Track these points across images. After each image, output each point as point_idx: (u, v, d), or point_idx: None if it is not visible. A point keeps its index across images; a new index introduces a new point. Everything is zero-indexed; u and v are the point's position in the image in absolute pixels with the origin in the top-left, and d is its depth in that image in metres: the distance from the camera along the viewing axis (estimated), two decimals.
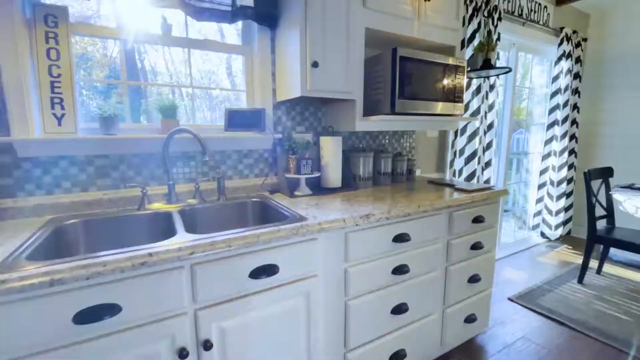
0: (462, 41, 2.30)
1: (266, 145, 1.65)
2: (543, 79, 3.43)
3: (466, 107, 2.39)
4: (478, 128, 2.43)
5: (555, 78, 3.16)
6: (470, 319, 1.70)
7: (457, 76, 1.73)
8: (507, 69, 1.94)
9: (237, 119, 1.57)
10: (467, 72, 1.88)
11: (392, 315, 1.36)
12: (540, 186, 3.42)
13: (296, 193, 1.58)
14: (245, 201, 1.45)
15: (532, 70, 3.44)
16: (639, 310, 2.13)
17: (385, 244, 1.30)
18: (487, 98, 2.47)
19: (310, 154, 1.74)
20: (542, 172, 3.38)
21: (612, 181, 2.70)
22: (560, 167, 3.30)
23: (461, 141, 2.40)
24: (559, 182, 3.32)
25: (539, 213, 3.49)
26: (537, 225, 3.52)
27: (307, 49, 1.35)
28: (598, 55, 3.37)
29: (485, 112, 2.49)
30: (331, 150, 1.65)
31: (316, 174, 1.61)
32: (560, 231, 3.44)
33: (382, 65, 1.55)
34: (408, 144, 2.20)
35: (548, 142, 3.30)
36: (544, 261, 3.02)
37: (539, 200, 3.45)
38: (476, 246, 1.64)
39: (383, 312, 1.34)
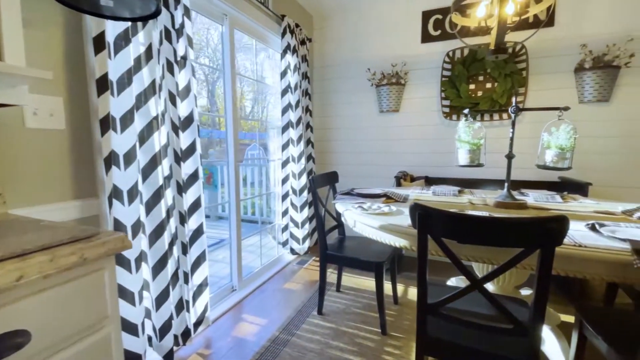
0: None
1: None
2: (276, 76, 3.03)
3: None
4: (156, 119, 1.46)
5: (284, 73, 2.77)
6: None
7: None
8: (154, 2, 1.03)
9: None
10: None
11: None
12: (284, 197, 2.99)
13: None
14: None
15: (263, 62, 2.97)
16: (372, 341, 1.79)
17: None
18: (171, 72, 1.55)
19: None
20: (284, 181, 2.95)
21: (339, 187, 2.49)
22: (300, 174, 2.97)
23: (123, 140, 1.35)
24: (301, 191, 2.99)
25: (286, 227, 3.05)
26: (287, 242, 3.08)
27: None
28: (323, 59, 3.33)
29: (173, 95, 1.57)
30: None
31: None
32: (307, 243, 3.14)
33: None
34: None
35: (285, 146, 2.90)
36: (290, 288, 2.50)
37: (285, 212, 3.01)
38: None
39: None
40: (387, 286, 2.29)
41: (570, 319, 1.92)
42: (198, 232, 1.76)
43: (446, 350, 1.08)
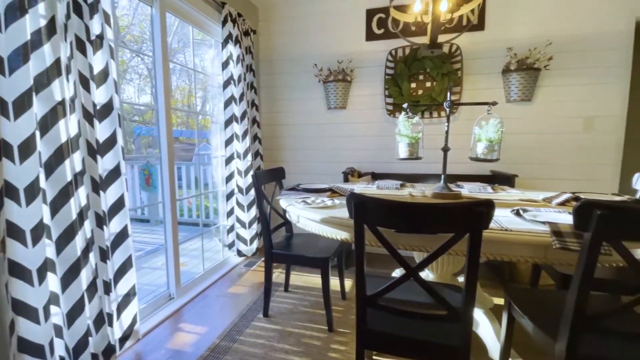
0: None
1: None
2: (219, 67, 2.85)
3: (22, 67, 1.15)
4: (63, 104, 1.26)
5: (226, 64, 2.62)
6: None
7: None
8: None
9: None
10: None
11: None
12: (229, 196, 2.83)
13: None
14: None
15: (201, 51, 2.79)
16: (319, 340, 1.74)
17: None
18: (83, 52, 1.35)
19: None
20: (229, 179, 2.80)
21: (287, 184, 2.41)
22: (247, 172, 2.83)
23: (17, 128, 1.13)
24: (247, 189, 2.85)
25: (232, 228, 2.89)
26: (233, 243, 2.92)
27: None
28: (270, 52, 3.22)
29: (85, 78, 1.36)
30: None
31: None
32: (255, 244, 3.02)
33: None
34: None
35: (229, 142, 2.74)
36: (235, 292, 2.36)
37: (230, 212, 2.86)
38: None
39: None
40: (335, 282, 2.27)
41: (502, 302, 2.05)
42: (122, 236, 1.56)
43: (386, 342, 1.06)
